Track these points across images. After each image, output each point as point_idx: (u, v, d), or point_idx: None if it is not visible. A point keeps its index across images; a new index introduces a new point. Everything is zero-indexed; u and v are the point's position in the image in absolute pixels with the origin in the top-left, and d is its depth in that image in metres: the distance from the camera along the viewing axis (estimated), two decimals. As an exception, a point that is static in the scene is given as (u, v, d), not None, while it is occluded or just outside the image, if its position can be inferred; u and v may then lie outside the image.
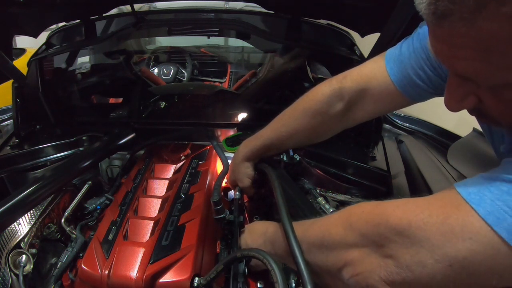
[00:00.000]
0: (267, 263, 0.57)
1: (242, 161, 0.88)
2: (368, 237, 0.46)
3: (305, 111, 0.78)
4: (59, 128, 1.30)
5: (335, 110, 0.74)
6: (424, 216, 0.41)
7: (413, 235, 0.41)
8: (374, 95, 0.70)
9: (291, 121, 0.81)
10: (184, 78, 2.17)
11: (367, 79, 0.70)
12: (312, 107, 0.76)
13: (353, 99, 0.72)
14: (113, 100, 1.79)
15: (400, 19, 0.81)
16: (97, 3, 1.19)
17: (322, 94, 0.75)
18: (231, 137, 1.13)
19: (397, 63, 0.65)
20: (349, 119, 0.76)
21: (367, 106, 0.72)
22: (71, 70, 1.51)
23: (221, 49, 2.71)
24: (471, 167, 0.95)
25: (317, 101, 0.76)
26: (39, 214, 0.87)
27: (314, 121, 0.77)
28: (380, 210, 0.47)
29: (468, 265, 0.38)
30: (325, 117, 0.75)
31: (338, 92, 0.73)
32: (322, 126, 0.78)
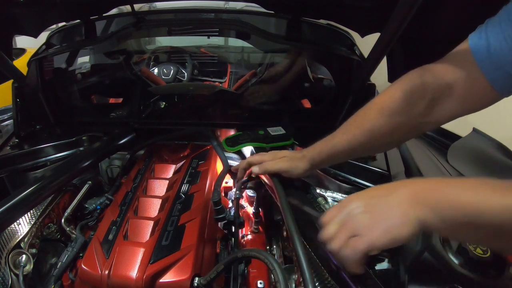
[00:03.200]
0: (268, 263, 0.57)
1: (303, 160, 0.78)
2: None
3: (381, 111, 0.68)
4: (59, 128, 1.30)
5: (416, 110, 0.65)
6: None
7: None
8: (461, 91, 0.61)
9: (365, 123, 0.70)
10: (184, 78, 2.17)
11: (453, 74, 0.61)
12: (390, 106, 0.66)
13: (437, 96, 0.63)
14: (113, 100, 1.79)
15: (400, 19, 0.80)
16: (97, 3, 1.19)
17: (400, 91, 0.66)
18: (231, 137, 1.13)
19: (487, 54, 0.57)
20: (430, 120, 0.66)
21: (451, 104, 0.63)
22: (71, 70, 1.51)
23: (221, 49, 2.71)
24: (471, 167, 0.95)
25: (395, 100, 0.66)
26: (39, 214, 0.87)
27: (391, 122, 0.66)
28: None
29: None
30: (404, 117, 0.66)
31: (420, 88, 0.64)
32: (400, 129, 0.68)
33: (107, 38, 1.27)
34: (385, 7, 0.85)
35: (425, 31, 0.93)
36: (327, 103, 1.42)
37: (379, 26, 0.97)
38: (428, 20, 0.89)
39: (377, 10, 0.98)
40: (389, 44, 0.91)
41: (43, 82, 1.26)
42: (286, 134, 1.14)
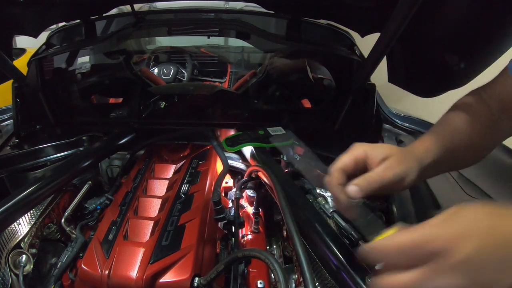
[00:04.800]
0: (269, 264, 0.57)
1: (413, 159, 0.58)
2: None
3: (466, 119, 0.64)
4: (59, 128, 1.30)
5: (492, 116, 0.64)
6: None
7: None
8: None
9: (461, 126, 0.63)
10: (184, 78, 2.17)
11: (501, 90, 0.63)
12: (469, 117, 0.64)
13: (500, 106, 0.63)
14: (113, 100, 1.79)
15: (400, 19, 0.80)
16: (97, 3, 1.19)
17: (471, 105, 0.65)
18: (231, 137, 1.13)
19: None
20: (504, 126, 0.64)
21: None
22: (71, 70, 1.51)
23: (221, 49, 2.71)
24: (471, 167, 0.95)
25: (473, 112, 0.64)
26: (39, 214, 0.87)
27: (476, 128, 0.63)
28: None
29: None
30: (485, 125, 0.64)
31: (486, 98, 0.65)
32: (484, 136, 0.65)
33: (107, 38, 1.27)
34: (385, 7, 0.85)
35: (425, 31, 0.93)
36: (327, 103, 1.42)
37: (379, 26, 0.97)
38: (428, 20, 0.89)
39: (377, 10, 0.98)
40: (389, 44, 0.91)
41: (43, 82, 1.26)
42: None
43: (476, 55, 0.85)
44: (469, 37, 0.84)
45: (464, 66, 0.90)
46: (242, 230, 0.94)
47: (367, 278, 0.59)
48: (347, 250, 0.65)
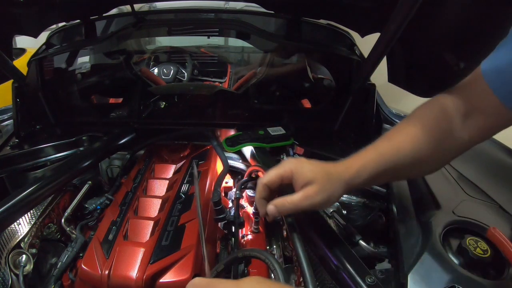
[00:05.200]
0: (269, 264, 0.57)
1: (340, 183, 0.60)
2: None
3: (422, 126, 0.64)
4: (59, 128, 1.30)
5: (453, 124, 0.63)
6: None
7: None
8: (481, 111, 0.61)
9: (413, 133, 0.63)
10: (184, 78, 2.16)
11: (470, 94, 0.63)
12: (427, 123, 0.64)
13: (465, 112, 0.63)
14: (113, 100, 1.79)
15: (400, 19, 0.81)
16: (97, 3, 1.19)
17: (433, 110, 0.65)
18: (231, 137, 1.13)
19: (497, 74, 0.58)
20: (465, 135, 0.63)
21: (479, 121, 0.63)
22: (71, 70, 1.51)
23: (221, 49, 2.71)
24: (471, 167, 0.95)
25: (432, 118, 0.65)
26: (39, 214, 0.87)
27: (433, 137, 0.63)
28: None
29: None
30: (445, 134, 0.63)
31: (451, 104, 0.64)
32: (440, 144, 0.64)
33: (107, 38, 1.27)
34: (385, 7, 0.85)
35: (425, 31, 0.93)
36: (327, 103, 1.42)
37: (379, 26, 0.97)
38: (428, 20, 0.89)
39: (377, 10, 0.98)
40: (389, 44, 0.91)
41: (43, 82, 1.26)
42: (286, 134, 1.14)
43: (476, 55, 0.85)
44: (469, 37, 0.84)
45: (464, 66, 0.90)
46: (242, 230, 0.94)
47: (367, 278, 0.59)
48: (347, 250, 0.65)
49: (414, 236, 0.68)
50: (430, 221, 0.70)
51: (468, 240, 0.64)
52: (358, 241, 0.74)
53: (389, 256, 0.72)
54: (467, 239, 0.64)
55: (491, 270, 0.62)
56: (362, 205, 0.89)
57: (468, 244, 0.63)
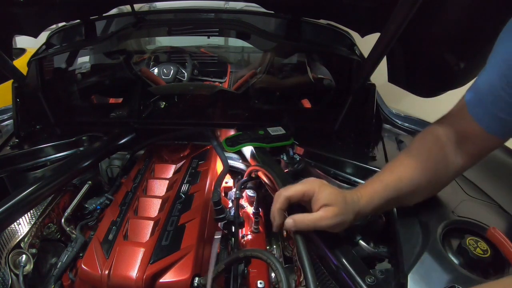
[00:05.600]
0: (271, 264, 0.57)
1: (352, 211, 0.63)
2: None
3: (418, 156, 0.69)
4: (59, 128, 1.30)
5: (447, 151, 0.68)
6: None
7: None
8: (468, 138, 0.66)
9: (411, 164, 0.68)
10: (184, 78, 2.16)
11: (456, 123, 0.68)
12: (425, 154, 0.69)
13: (455, 139, 0.68)
14: (113, 100, 1.79)
15: (400, 19, 0.81)
16: (97, 3, 1.19)
17: (429, 140, 0.70)
18: (231, 137, 1.13)
19: (478, 103, 0.63)
20: (459, 161, 0.69)
21: (468, 148, 0.68)
22: (71, 70, 1.51)
23: (221, 49, 2.71)
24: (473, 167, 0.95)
25: (428, 148, 0.69)
26: (39, 214, 0.87)
27: (431, 165, 0.68)
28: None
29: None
30: (441, 162, 0.68)
31: (442, 132, 0.69)
32: (439, 172, 0.69)
33: (107, 38, 1.27)
34: (385, 7, 0.85)
35: (425, 31, 0.93)
36: (327, 103, 1.42)
37: (379, 26, 0.97)
38: (428, 20, 0.89)
39: (377, 10, 0.98)
40: (389, 44, 0.91)
41: (43, 82, 1.26)
42: (286, 134, 1.14)
43: (476, 55, 0.85)
44: (469, 37, 0.84)
45: (464, 66, 0.90)
46: (242, 230, 0.94)
47: (367, 278, 0.59)
48: (347, 250, 0.65)
49: (414, 236, 0.68)
50: (430, 221, 0.70)
51: (468, 240, 0.64)
52: (358, 241, 0.74)
53: (389, 256, 0.72)
54: (467, 239, 0.64)
55: (491, 270, 0.62)
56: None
57: (468, 244, 0.63)
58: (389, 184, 0.66)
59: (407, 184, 0.67)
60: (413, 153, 0.71)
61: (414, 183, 0.67)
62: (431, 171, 0.68)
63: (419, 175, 0.67)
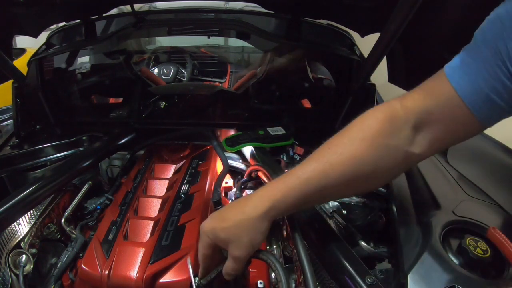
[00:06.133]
0: (271, 264, 0.57)
1: (262, 220, 0.56)
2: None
3: (362, 132, 0.56)
4: (59, 128, 1.30)
5: (401, 134, 0.55)
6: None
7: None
8: (441, 118, 0.54)
9: (345, 148, 0.56)
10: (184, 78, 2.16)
11: (430, 100, 0.55)
12: (372, 126, 0.56)
13: (418, 122, 0.55)
14: (113, 100, 1.79)
15: (400, 19, 0.81)
16: (97, 3, 1.19)
17: (381, 112, 0.57)
18: (231, 137, 1.13)
19: (464, 75, 0.52)
20: (414, 150, 0.56)
21: (434, 132, 0.55)
22: (71, 70, 1.51)
23: (221, 49, 2.70)
24: (471, 167, 0.95)
25: (377, 120, 0.56)
26: (39, 214, 0.87)
27: (375, 147, 0.55)
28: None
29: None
30: (389, 141, 0.55)
31: (402, 113, 0.56)
32: (384, 159, 0.55)
33: (107, 38, 1.27)
34: (385, 7, 0.85)
35: (425, 31, 0.93)
36: (327, 103, 1.42)
37: (379, 26, 0.97)
38: (428, 20, 0.89)
39: (377, 10, 0.98)
40: (389, 44, 0.91)
41: (43, 82, 1.26)
42: (286, 134, 1.14)
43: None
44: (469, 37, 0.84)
45: (464, 66, 0.90)
46: (242, 230, 0.94)
47: (367, 278, 0.59)
48: (347, 250, 0.65)
49: (414, 236, 0.68)
50: (430, 221, 0.70)
51: (468, 240, 0.64)
52: (358, 241, 0.74)
53: (389, 256, 0.72)
54: (467, 239, 0.64)
55: (491, 270, 0.62)
56: (362, 205, 0.89)
57: (468, 244, 0.63)
58: (311, 178, 0.55)
59: (337, 177, 0.54)
60: (351, 135, 0.57)
61: (348, 175, 0.55)
62: (374, 160, 0.55)
63: (356, 165, 0.55)
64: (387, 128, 0.55)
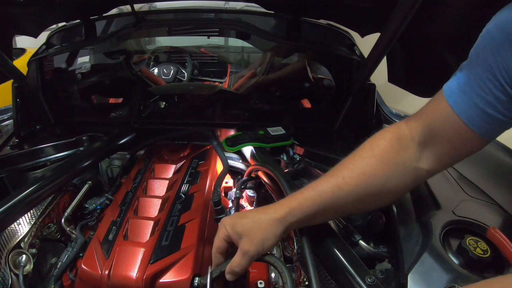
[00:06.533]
0: (277, 266, 0.58)
1: (279, 223, 0.59)
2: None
3: (372, 150, 0.61)
4: (59, 128, 1.30)
5: (408, 152, 0.60)
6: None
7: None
8: (444, 136, 0.57)
9: (357, 164, 0.61)
10: (184, 78, 2.16)
11: (431, 117, 0.59)
12: (381, 145, 0.61)
13: (423, 140, 0.59)
14: (113, 100, 1.79)
15: (400, 19, 0.81)
16: (97, 3, 1.19)
17: (389, 132, 0.62)
18: (231, 137, 1.13)
19: (459, 93, 0.55)
20: (423, 166, 0.60)
21: (439, 149, 0.59)
22: (71, 70, 1.51)
23: (221, 49, 2.71)
24: (471, 167, 0.95)
25: (385, 139, 0.61)
26: (39, 214, 0.87)
27: (384, 164, 0.59)
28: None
29: None
30: (397, 159, 0.59)
31: (407, 132, 0.61)
32: (394, 175, 0.60)
33: (107, 38, 1.27)
34: (385, 7, 0.85)
35: (425, 31, 0.93)
36: (327, 103, 1.42)
37: (379, 26, 0.97)
38: (428, 20, 0.89)
39: (377, 10, 0.98)
40: (389, 44, 0.91)
41: (43, 82, 1.26)
42: (286, 134, 1.14)
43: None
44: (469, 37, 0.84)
45: (464, 66, 0.90)
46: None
47: (367, 278, 0.59)
48: (347, 250, 0.65)
49: (414, 236, 0.68)
50: (430, 221, 0.70)
51: (468, 240, 0.64)
52: (358, 241, 0.74)
53: (389, 256, 0.72)
54: (467, 239, 0.64)
55: (491, 270, 0.62)
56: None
57: (468, 244, 0.63)
58: (325, 192, 0.59)
59: (350, 192, 0.59)
60: (363, 154, 0.62)
61: (360, 191, 0.59)
62: (384, 177, 0.59)
63: (367, 181, 0.59)
64: (395, 146, 0.60)
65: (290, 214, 0.59)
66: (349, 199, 0.59)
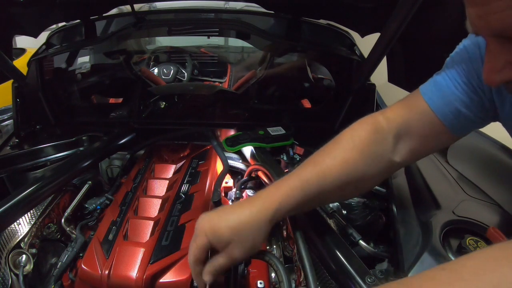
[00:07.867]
0: (273, 264, 0.58)
1: (269, 223, 0.57)
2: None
3: (352, 140, 0.62)
4: (59, 128, 1.30)
5: (386, 143, 0.62)
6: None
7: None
8: (417, 130, 0.61)
9: (338, 153, 0.61)
10: (184, 78, 2.16)
11: (408, 113, 0.62)
12: (360, 135, 0.62)
13: (399, 132, 0.62)
14: (113, 100, 1.79)
15: (400, 19, 0.81)
16: (97, 3, 1.19)
17: (367, 123, 0.64)
18: (231, 137, 1.13)
19: (435, 91, 0.59)
20: (396, 158, 0.62)
21: (412, 142, 0.62)
22: (71, 70, 1.51)
23: (221, 49, 2.71)
24: (471, 167, 0.95)
25: (365, 129, 0.63)
26: (39, 214, 0.87)
27: (364, 154, 0.61)
28: None
29: None
30: (376, 149, 0.61)
31: (384, 123, 0.62)
32: (373, 164, 0.61)
33: (107, 38, 1.27)
34: (385, 7, 0.85)
35: (425, 31, 0.94)
36: (327, 103, 1.42)
37: (379, 26, 0.97)
38: (428, 20, 0.89)
39: (377, 10, 0.98)
40: (389, 44, 0.91)
41: (43, 82, 1.26)
42: (286, 134, 1.14)
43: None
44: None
45: (464, 66, 0.90)
46: (242, 230, 0.94)
47: (367, 278, 0.59)
48: (347, 250, 0.65)
49: (414, 236, 0.69)
50: (430, 221, 0.70)
51: (468, 240, 0.64)
52: (358, 241, 0.74)
53: (389, 256, 0.72)
54: (467, 239, 0.64)
55: (491, 270, 0.62)
56: (362, 205, 0.89)
57: (468, 244, 0.63)
58: (310, 180, 0.58)
59: (334, 180, 0.59)
60: (344, 143, 0.63)
61: (342, 178, 0.59)
62: (364, 166, 0.60)
63: (349, 169, 0.60)
64: (374, 138, 0.62)
65: (279, 210, 0.57)
66: (332, 187, 0.60)
